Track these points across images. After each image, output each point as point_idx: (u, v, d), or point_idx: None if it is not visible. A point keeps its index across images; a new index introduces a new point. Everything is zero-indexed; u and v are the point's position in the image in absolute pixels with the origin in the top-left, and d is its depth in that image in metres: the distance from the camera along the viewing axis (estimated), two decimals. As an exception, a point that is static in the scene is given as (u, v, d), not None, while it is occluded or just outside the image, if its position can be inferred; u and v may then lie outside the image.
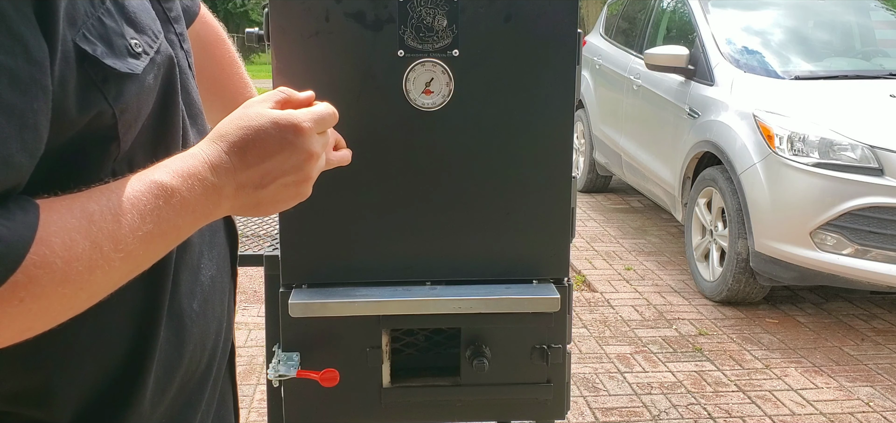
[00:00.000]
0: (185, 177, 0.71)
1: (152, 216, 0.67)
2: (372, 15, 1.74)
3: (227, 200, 0.75)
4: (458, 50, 1.76)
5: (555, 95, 1.82)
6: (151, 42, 0.73)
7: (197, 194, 0.71)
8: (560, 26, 1.78)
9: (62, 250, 0.60)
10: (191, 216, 0.71)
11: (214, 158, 0.74)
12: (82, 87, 0.64)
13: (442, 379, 1.96)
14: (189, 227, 0.72)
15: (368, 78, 1.78)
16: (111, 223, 0.64)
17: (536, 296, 1.86)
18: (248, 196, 0.76)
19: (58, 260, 0.60)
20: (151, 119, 0.75)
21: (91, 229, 0.63)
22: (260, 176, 0.76)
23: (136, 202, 0.67)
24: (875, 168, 3.75)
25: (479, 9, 1.75)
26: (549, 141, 1.86)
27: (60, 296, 0.61)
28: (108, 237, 0.64)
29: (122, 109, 0.68)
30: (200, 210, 0.72)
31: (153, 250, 0.69)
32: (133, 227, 0.66)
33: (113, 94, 0.67)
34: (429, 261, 1.88)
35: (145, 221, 0.67)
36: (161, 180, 0.69)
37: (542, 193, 1.88)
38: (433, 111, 1.79)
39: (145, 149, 0.75)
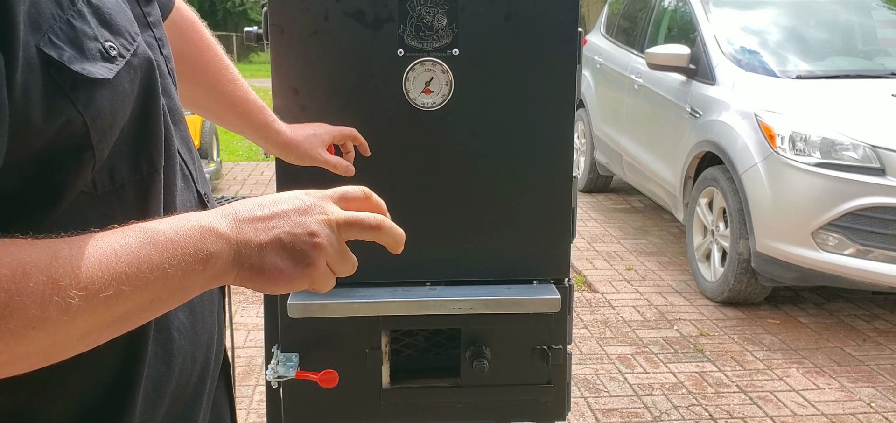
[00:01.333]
0: (175, 220, 0.67)
1: (130, 256, 0.63)
2: (371, 14, 1.73)
3: (222, 258, 0.68)
4: (457, 49, 1.75)
5: (555, 95, 1.82)
6: (128, 44, 0.70)
7: (188, 237, 0.66)
8: (560, 26, 1.77)
9: (9, 281, 0.56)
10: (181, 263, 0.65)
11: (218, 213, 0.70)
12: (48, 94, 0.62)
13: (442, 380, 1.95)
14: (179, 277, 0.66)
15: (368, 77, 1.77)
16: (76, 259, 0.60)
17: (537, 297, 1.85)
18: (251, 254, 0.70)
19: (1, 291, 0.56)
20: (132, 125, 0.72)
21: (52, 265, 0.59)
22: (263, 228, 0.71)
23: (113, 242, 0.63)
24: (877, 168, 3.74)
25: (479, 8, 1.75)
26: (550, 141, 1.85)
27: (6, 333, 0.57)
28: (69, 274, 0.59)
29: (93, 115, 0.65)
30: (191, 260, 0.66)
31: (131, 296, 0.63)
32: (104, 264, 0.61)
33: (83, 100, 0.64)
34: (429, 261, 1.88)
35: (119, 259, 0.62)
36: (147, 224, 0.66)
37: (542, 193, 1.87)
38: (433, 111, 1.78)
39: (127, 157, 0.73)
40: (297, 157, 1.54)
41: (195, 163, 0.91)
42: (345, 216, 0.74)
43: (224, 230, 0.69)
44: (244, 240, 0.69)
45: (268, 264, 0.70)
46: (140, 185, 0.74)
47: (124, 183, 0.72)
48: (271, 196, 0.74)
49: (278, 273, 0.70)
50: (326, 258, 0.73)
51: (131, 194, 0.73)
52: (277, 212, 0.72)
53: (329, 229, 0.73)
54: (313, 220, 0.72)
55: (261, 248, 0.70)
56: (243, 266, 0.69)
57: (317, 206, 0.73)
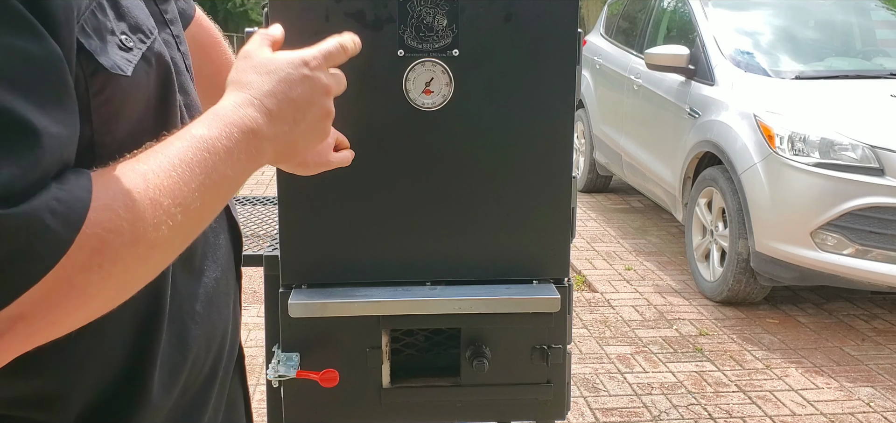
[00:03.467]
0: (222, 125, 0.72)
1: (201, 167, 0.68)
2: (372, 14, 1.73)
3: (267, 143, 0.75)
4: (458, 50, 1.76)
5: (555, 95, 1.82)
6: (144, 39, 0.73)
7: (236, 140, 0.72)
8: (560, 26, 1.78)
9: (125, 211, 0.62)
10: (236, 164, 0.72)
11: (245, 102, 0.75)
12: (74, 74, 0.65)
13: (442, 379, 1.95)
14: (237, 175, 0.73)
15: (368, 78, 1.78)
16: (165, 179, 0.65)
17: (536, 296, 1.86)
18: (286, 136, 0.77)
19: (123, 222, 0.61)
20: (150, 120, 0.75)
21: (147, 188, 0.64)
22: (292, 112, 0.77)
23: (183, 157, 0.68)
24: (876, 168, 3.75)
25: (479, 8, 1.75)
26: (549, 141, 1.86)
27: (136, 257, 0.63)
28: (165, 193, 0.65)
29: (102, 101, 0.68)
30: (245, 156, 0.73)
31: (209, 201, 0.70)
32: (185, 180, 0.67)
33: (97, 86, 0.67)
34: (429, 261, 1.88)
35: (195, 173, 0.68)
36: (201, 133, 0.70)
37: (542, 193, 1.88)
38: (433, 111, 1.79)
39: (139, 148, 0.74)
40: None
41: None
42: (323, 53, 0.85)
43: (264, 131, 0.74)
44: (281, 132, 0.76)
45: (298, 143, 0.80)
46: None
47: None
48: (275, 70, 0.78)
49: (306, 143, 0.81)
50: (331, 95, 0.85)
51: None
52: (295, 97, 0.78)
53: (323, 75, 0.83)
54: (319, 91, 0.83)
55: (290, 131, 0.78)
56: (284, 153, 0.79)
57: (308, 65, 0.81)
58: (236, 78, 0.78)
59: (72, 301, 0.60)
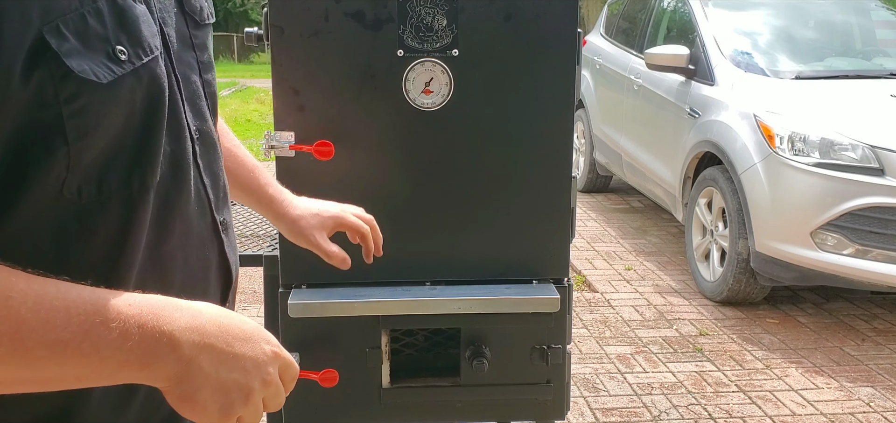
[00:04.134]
0: (142, 302, 0.65)
1: (78, 327, 0.61)
2: (371, 14, 1.73)
3: (164, 371, 0.66)
4: (457, 50, 1.76)
5: (555, 95, 1.82)
6: (142, 55, 0.69)
7: (144, 334, 0.64)
8: (560, 26, 1.78)
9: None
10: (127, 350, 0.63)
11: (188, 311, 0.68)
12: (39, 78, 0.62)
13: (442, 379, 1.95)
14: (115, 366, 0.64)
15: (368, 78, 1.78)
16: (27, 301, 0.59)
17: (536, 296, 1.86)
18: (198, 374, 0.67)
19: None
20: (131, 139, 0.71)
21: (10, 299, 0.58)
22: (224, 360, 0.69)
23: (72, 299, 0.62)
24: (876, 168, 3.75)
25: (479, 8, 1.75)
26: (549, 141, 1.86)
27: None
28: (7, 315, 0.58)
29: (75, 111, 0.64)
30: (141, 351, 0.64)
31: (60, 366, 0.62)
32: (50, 322, 0.60)
33: (67, 94, 0.64)
34: (429, 261, 1.88)
35: (67, 329, 0.60)
36: (114, 300, 0.64)
37: (542, 193, 1.88)
38: (433, 111, 1.79)
39: (119, 171, 0.71)
40: (296, 236, 1.35)
41: (219, 191, 0.89)
42: (286, 361, 0.75)
43: (184, 349, 0.66)
44: (196, 366, 0.67)
45: (200, 398, 0.68)
46: (128, 201, 0.72)
47: (111, 196, 0.71)
48: (239, 326, 0.72)
49: (202, 409, 0.68)
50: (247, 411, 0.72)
51: (117, 209, 0.72)
52: (237, 354, 0.70)
53: (265, 389, 0.72)
54: (257, 378, 0.71)
55: (205, 381, 0.68)
56: (178, 386, 0.67)
57: (266, 366, 0.73)
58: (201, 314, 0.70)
59: None
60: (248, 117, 11.07)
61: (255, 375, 0.71)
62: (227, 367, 0.69)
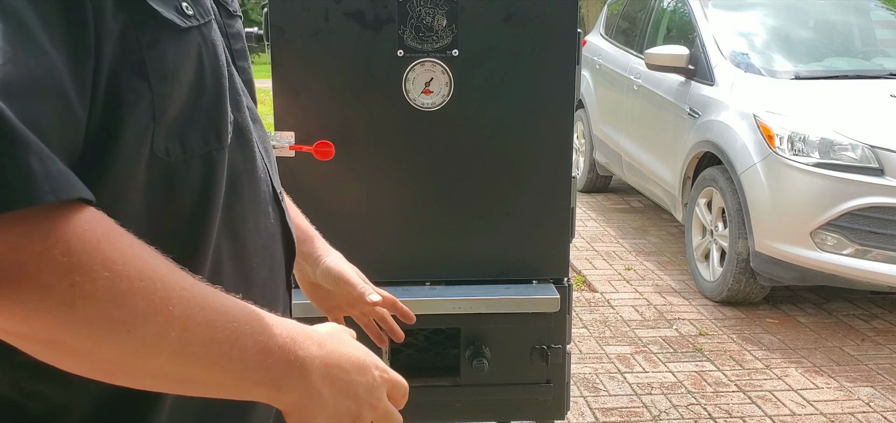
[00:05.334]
0: (285, 329, 0.66)
1: (233, 333, 0.62)
2: (371, 14, 1.73)
3: (303, 392, 0.68)
4: (457, 50, 1.76)
5: (555, 95, 1.82)
6: (203, 14, 0.72)
7: (280, 357, 0.66)
8: (560, 26, 1.78)
9: (134, 272, 0.55)
10: (262, 365, 0.64)
11: (316, 340, 0.70)
12: (120, 16, 0.62)
13: (442, 379, 1.95)
14: (252, 377, 0.64)
15: (368, 78, 1.78)
16: (198, 296, 0.60)
17: (536, 296, 1.86)
18: (319, 401, 0.70)
19: (122, 275, 0.54)
20: (206, 98, 0.72)
21: (172, 280, 0.59)
22: (343, 388, 0.72)
23: (234, 308, 0.63)
24: (875, 168, 3.75)
25: (479, 8, 1.75)
26: (549, 141, 1.86)
27: (106, 321, 0.55)
28: (185, 303, 0.59)
29: (155, 56, 0.65)
30: (274, 371, 0.66)
31: (207, 361, 0.61)
32: (210, 320, 0.61)
33: (148, 38, 0.65)
34: (429, 261, 1.89)
35: (226, 330, 0.61)
36: (265, 317, 0.65)
37: (542, 193, 1.88)
38: (433, 111, 1.79)
39: (198, 128, 0.72)
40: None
41: (272, 162, 0.92)
42: (393, 380, 0.81)
43: (312, 378, 0.69)
44: (318, 394, 0.69)
45: (327, 413, 0.71)
46: (208, 159, 0.74)
47: (194, 155, 0.72)
48: (355, 355, 0.75)
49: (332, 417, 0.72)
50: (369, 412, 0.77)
51: (199, 169, 0.73)
52: (353, 382, 0.73)
53: (372, 413, 0.78)
54: (367, 405, 0.76)
55: (324, 408, 0.70)
56: (299, 411, 0.69)
57: (376, 392, 0.77)
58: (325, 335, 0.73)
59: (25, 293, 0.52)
60: (248, 117, 11.07)
61: (365, 402, 0.75)
62: (343, 395, 0.72)
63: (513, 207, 1.89)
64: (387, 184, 1.87)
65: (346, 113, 1.80)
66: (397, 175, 1.85)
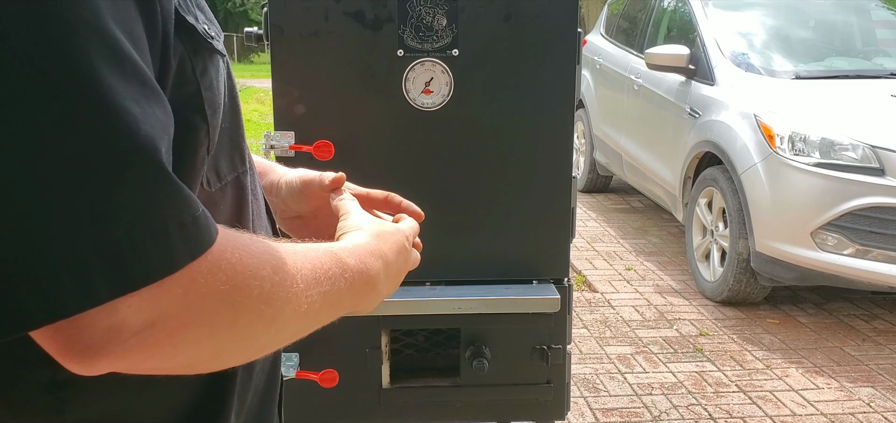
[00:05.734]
0: (359, 261, 0.72)
1: (330, 282, 0.66)
2: (371, 14, 1.73)
3: (373, 299, 0.76)
4: (457, 50, 1.76)
5: (555, 95, 1.82)
6: (218, 31, 0.70)
7: (360, 281, 0.72)
8: (560, 26, 1.78)
9: (272, 271, 0.59)
10: (349, 298, 0.71)
11: (377, 253, 0.76)
12: (178, 48, 0.60)
13: (442, 380, 1.95)
14: (343, 307, 0.71)
15: (368, 77, 1.78)
16: (303, 263, 0.64)
17: (536, 296, 1.86)
18: (381, 297, 0.79)
19: (266, 277, 0.58)
20: (227, 121, 0.71)
21: (294, 263, 0.62)
22: (395, 279, 0.81)
23: (321, 262, 0.66)
24: (876, 168, 3.75)
25: (479, 8, 1.75)
26: (549, 141, 1.86)
27: (261, 319, 0.59)
28: (302, 276, 0.63)
29: (206, 85, 0.64)
30: (356, 298, 0.72)
31: (320, 314, 0.67)
32: (318, 281, 0.65)
33: (201, 67, 0.63)
34: (429, 261, 1.88)
35: (323, 282, 0.66)
36: (343, 255, 0.70)
37: (542, 193, 1.88)
38: (433, 111, 1.79)
39: (226, 153, 0.72)
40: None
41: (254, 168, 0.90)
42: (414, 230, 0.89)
43: (379, 287, 0.76)
44: (380, 290, 0.77)
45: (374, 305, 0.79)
46: (236, 182, 0.74)
47: (227, 181, 0.72)
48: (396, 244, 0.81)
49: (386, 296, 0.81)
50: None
51: (231, 192, 0.73)
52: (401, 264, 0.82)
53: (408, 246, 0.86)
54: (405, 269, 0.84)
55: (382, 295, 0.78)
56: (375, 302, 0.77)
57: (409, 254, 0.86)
58: (366, 226, 0.80)
59: (198, 328, 0.55)
60: (248, 117, 11.07)
61: (404, 267, 0.84)
62: (395, 279, 0.81)
63: (513, 207, 1.89)
64: (386, 184, 1.86)
65: (346, 113, 1.80)
66: (397, 175, 1.85)
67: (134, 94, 0.50)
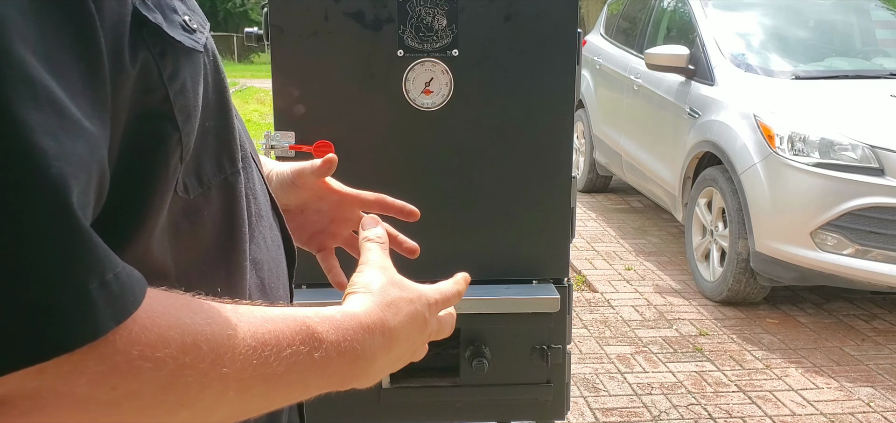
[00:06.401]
0: (342, 338, 0.63)
1: (287, 359, 0.57)
2: (371, 14, 1.73)
3: (367, 377, 0.67)
4: (457, 50, 1.76)
5: (555, 95, 1.82)
6: (203, 24, 0.64)
7: (342, 362, 0.63)
8: (560, 26, 1.78)
9: (179, 352, 0.50)
10: (325, 378, 0.62)
11: (376, 327, 0.67)
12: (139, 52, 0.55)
13: (441, 380, 1.95)
14: (319, 387, 0.62)
15: (368, 78, 1.78)
16: (242, 340, 0.55)
17: (536, 296, 1.86)
18: (381, 372, 0.70)
19: (168, 357, 0.49)
20: (212, 120, 0.66)
21: (221, 342, 0.53)
22: (404, 352, 0.72)
23: (278, 333, 0.57)
24: (875, 168, 3.75)
25: (479, 8, 1.75)
26: (549, 141, 1.86)
27: (158, 407, 0.50)
28: (234, 356, 0.54)
29: (177, 90, 0.58)
30: (336, 378, 0.63)
31: (271, 397, 0.58)
32: (264, 358, 0.55)
33: (169, 71, 0.57)
34: (428, 261, 1.88)
35: (278, 360, 0.56)
36: (314, 326, 0.60)
37: (542, 193, 1.88)
38: (433, 111, 1.79)
39: (211, 155, 0.66)
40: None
41: (260, 165, 0.85)
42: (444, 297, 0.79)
43: (377, 364, 0.67)
44: (379, 367, 0.68)
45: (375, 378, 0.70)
46: (224, 185, 0.68)
47: (211, 184, 0.66)
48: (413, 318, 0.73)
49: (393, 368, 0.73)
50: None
51: (217, 197, 0.68)
52: (413, 340, 0.73)
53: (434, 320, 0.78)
54: (421, 344, 0.76)
55: (383, 371, 0.70)
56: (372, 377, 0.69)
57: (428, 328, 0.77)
58: (375, 289, 0.70)
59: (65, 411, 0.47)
60: (248, 117, 11.07)
61: (419, 343, 0.75)
62: (405, 356, 0.74)
63: (513, 207, 1.89)
64: (386, 184, 1.87)
65: (346, 113, 1.80)
66: (397, 175, 1.85)
67: (48, 126, 0.44)
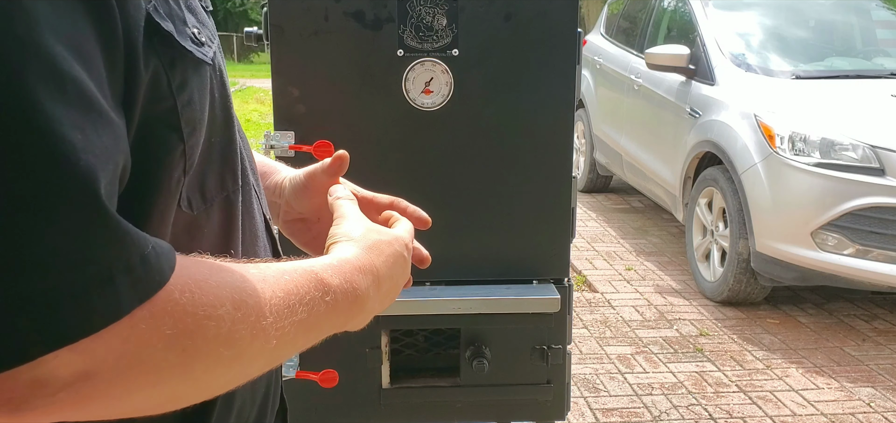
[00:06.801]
0: (343, 280, 0.66)
1: (306, 306, 0.61)
2: (371, 14, 1.73)
3: (364, 316, 0.71)
4: (457, 49, 1.76)
5: (555, 95, 1.82)
6: (212, 37, 0.64)
7: (345, 302, 0.66)
8: (560, 26, 1.78)
9: (233, 307, 0.53)
10: (333, 320, 0.66)
11: (364, 268, 0.70)
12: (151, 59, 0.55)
13: (442, 380, 1.95)
14: (328, 330, 0.66)
15: (368, 77, 1.78)
16: (273, 292, 0.58)
17: (536, 296, 1.86)
18: (375, 311, 0.73)
19: (225, 314, 0.53)
20: (217, 136, 0.66)
21: (260, 298, 0.56)
22: (389, 291, 0.76)
23: (297, 286, 0.61)
24: (876, 168, 3.75)
25: (479, 8, 1.75)
26: (549, 141, 1.86)
27: (220, 362, 0.54)
28: (271, 307, 0.57)
29: (185, 101, 0.58)
30: (342, 318, 0.67)
31: (297, 343, 0.62)
32: (292, 309, 0.59)
33: (178, 81, 0.57)
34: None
35: (299, 309, 0.60)
36: (322, 276, 0.64)
37: (542, 193, 1.88)
38: (433, 111, 1.79)
39: (214, 172, 0.67)
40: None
41: (259, 183, 0.85)
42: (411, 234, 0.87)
43: (369, 304, 0.70)
44: (371, 307, 0.72)
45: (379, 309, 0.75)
46: (225, 203, 0.69)
47: (213, 201, 0.67)
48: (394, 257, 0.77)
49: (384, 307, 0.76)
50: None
51: (217, 214, 0.68)
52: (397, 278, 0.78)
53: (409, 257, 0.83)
54: (403, 279, 0.81)
55: (374, 310, 0.73)
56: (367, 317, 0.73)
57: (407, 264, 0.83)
58: (357, 236, 0.74)
59: (141, 377, 0.50)
60: (248, 117, 11.07)
61: (402, 279, 0.80)
62: (391, 294, 0.77)
63: (513, 207, 1.89)
64: (386, 184, 1.86)
65: (346, 113, 1.80)
66: (397, 175, 1.85)
67: (76, 119, 0.45)
